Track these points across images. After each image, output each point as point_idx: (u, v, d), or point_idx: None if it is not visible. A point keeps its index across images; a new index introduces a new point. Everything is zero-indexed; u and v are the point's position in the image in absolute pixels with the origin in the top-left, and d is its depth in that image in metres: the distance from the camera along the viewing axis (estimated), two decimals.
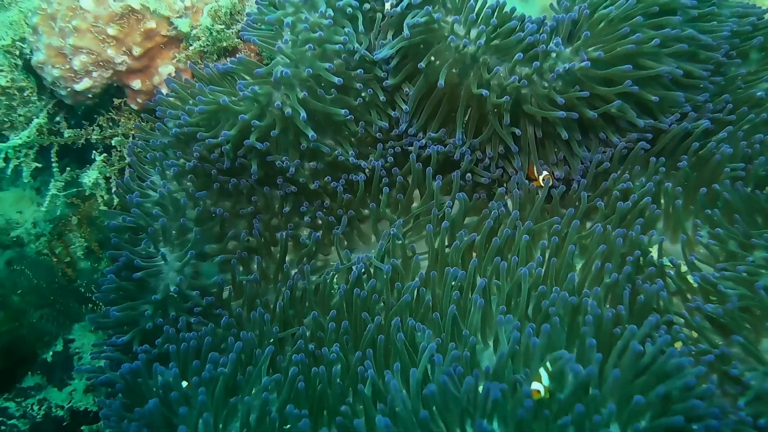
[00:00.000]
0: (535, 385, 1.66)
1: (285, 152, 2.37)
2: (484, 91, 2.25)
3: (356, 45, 2.31)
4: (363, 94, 2.40)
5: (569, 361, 1.66)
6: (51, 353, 3.85)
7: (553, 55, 2.24)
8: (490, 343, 2.01)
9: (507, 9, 2.25)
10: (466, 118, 2.38)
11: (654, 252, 2.19)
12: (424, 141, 2.47)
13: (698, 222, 2.21)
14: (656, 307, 2.03)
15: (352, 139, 2.46)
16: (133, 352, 2.31)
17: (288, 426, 1.88)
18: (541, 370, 1.69)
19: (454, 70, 2.30)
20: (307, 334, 2.25)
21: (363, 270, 2.32)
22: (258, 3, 2.43)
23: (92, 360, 2.45)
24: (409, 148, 2.51)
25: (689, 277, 2.11)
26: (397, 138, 2.54)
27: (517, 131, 2.35)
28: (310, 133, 2.26)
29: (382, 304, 2.22)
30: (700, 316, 2.02)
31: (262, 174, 2.44)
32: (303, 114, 2.24)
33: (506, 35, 2.24)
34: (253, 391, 2.01)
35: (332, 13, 2.26)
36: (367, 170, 2.50)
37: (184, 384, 1.97)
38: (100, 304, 2.51)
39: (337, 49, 2.28)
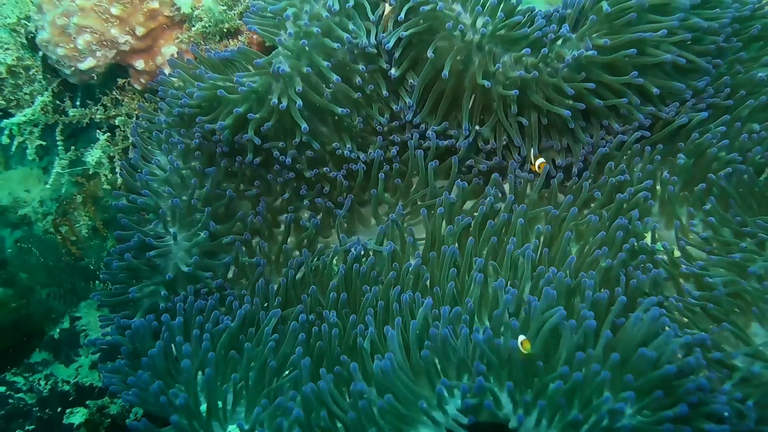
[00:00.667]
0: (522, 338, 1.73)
1: (282, 141, 2.40)
2: (487, 83, 2.25)
3: (363, 39, 2.31)
4: (365, 89, 2.41)
5: (562, 317, 1.72)
6: (58, 330, 3.90)
7: (560, 42, 2.23)
8: (486, 321, 2.04)
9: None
10: (471, 105, 2.39)
11: (648, 239, 2.21)
12: (428, 132, 2.48)
13: (692, 210, 2.21)
14: (648, 292, 2.05)
15: (353, 131, 2.48)
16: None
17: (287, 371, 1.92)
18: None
19: (458, 58, 2.30)
20: (308, 301, 2.28)
21: (362, 252, 2.35)
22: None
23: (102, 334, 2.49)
24: (411, 141, 2.52)
25: (682, 264, 2.13)
26: (398, 130, 2.55)
27: (524, 121, 2.36)
28: (304, 126, 2.29)
29: (381, 278, 2.26)
30: (691, 302, 2.04)
31: (262, 158, 2.46)
32: (299, 102, 2.26)
33: (512, 26, 2.24)
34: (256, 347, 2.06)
35: (337, 7, 2.25)
36: (366, 161, 2.52)
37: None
38: (108, 283, 2.53)
39: (338, 44, 2.28)
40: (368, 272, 2.26)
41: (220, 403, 1.89)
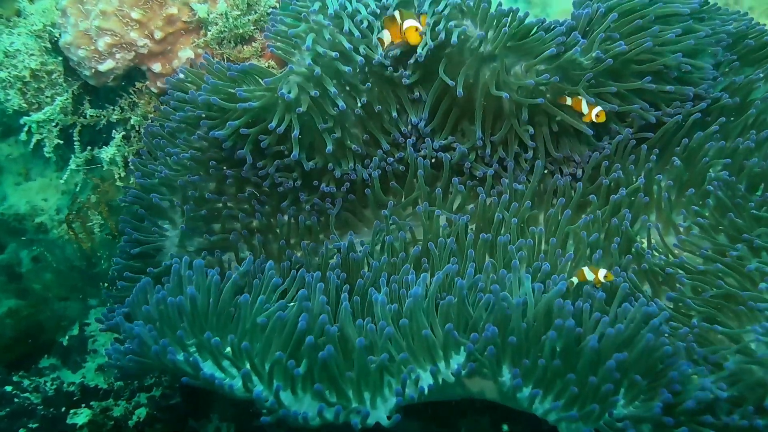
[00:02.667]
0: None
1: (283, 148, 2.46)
2: (505, 94, 2.30)
3: (376, 56, 2.35)
4: (374, 108, 2.47)
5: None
6: (67, 337, 3.96)
7: (572, 51, 2.28)
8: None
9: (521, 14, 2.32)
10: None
11: (643, 242, 2.24)
12: (434, 143, 2.53)
13: (685, 213, 2.25)
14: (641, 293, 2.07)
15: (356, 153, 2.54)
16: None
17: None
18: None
19: (470, 71, 2.36)
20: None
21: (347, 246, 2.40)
22: (280, 13, 2.49)
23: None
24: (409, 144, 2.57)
25: (677, 267, 2.15)
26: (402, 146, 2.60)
27: (531, 130, 2.40)
28: (294, 153, 2.36)
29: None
30: (684, 304, 2.05)
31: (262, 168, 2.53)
32: (296, 132, 2.32)
33: (523, 35, 2.31)
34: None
35: (357, 33, 2.30)
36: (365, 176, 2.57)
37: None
38: (113, 284, 2.62)
39: (349, 68, 2.34)
40: (362, 260, 2.31)
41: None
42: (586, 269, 2.02)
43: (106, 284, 3.68)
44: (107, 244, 3.35)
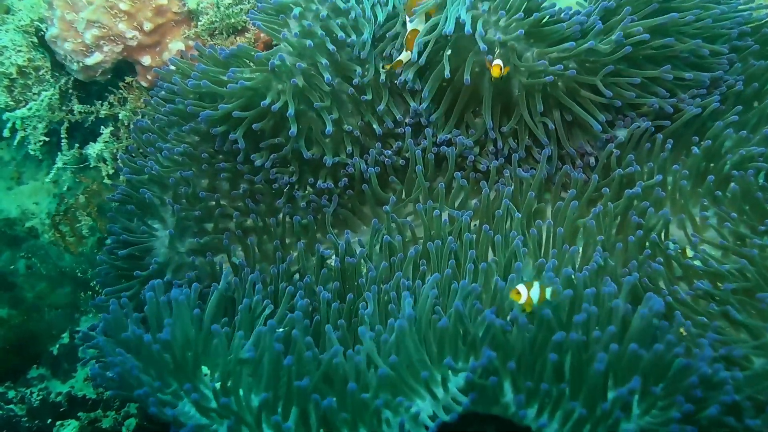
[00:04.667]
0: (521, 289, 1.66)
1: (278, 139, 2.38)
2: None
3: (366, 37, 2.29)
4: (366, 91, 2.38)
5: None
6: (57, 346, 3.84)
7: (589, 37, 2.15)
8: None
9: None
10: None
11: (659, 233, 2.11)
12: (440, 136, 2.42)
13: (705, 202, 2.12)
14: (657, 287, 1.95)
15: (352, 135, 2.45)
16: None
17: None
18: (536, 283, 1.68)
19: (476, 59, 2.24)
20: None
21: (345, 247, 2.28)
22: None
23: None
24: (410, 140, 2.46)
25: (695, 261, 2.02)
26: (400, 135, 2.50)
27: (551, 125, 2.28)
28: (292, 130, 2.25)
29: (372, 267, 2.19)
30: (705, 300, 1.93)
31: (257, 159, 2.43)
32: (291, 111, 2.22)
33: (537, 23, 2.18)
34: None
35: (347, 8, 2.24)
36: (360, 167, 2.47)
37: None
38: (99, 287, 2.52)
39: (344, 46, 2.28)
40: (359, 263, 2.18)
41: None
42: (520, 286, 1.71)
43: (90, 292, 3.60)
44: (98, 246, 3.24)
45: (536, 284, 1.68)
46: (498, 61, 2.10)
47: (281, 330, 1.84)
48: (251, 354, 1.71)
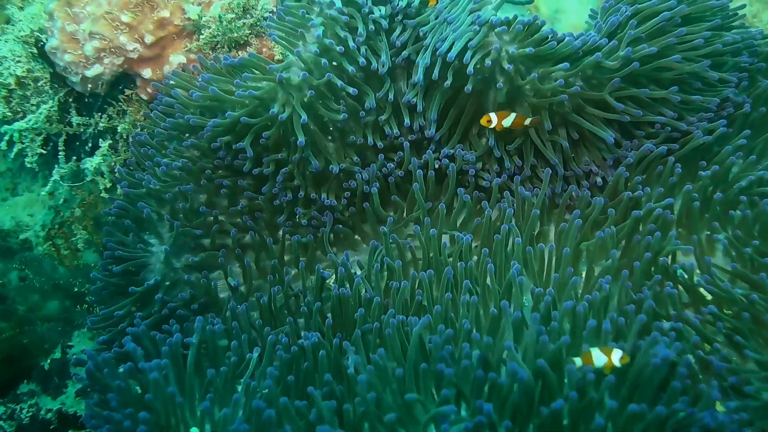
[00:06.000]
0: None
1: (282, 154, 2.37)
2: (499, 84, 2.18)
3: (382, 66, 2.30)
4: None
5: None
6: (48, 361, 3.78)
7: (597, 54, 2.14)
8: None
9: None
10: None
11: (667, 257, 2.06)
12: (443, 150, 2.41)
13: (716, 226, 2.08)
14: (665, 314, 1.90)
15: (357, 146, 2.44)
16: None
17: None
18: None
19: (479, 77, 2.23)
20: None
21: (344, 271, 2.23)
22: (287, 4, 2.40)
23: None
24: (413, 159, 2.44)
25: (701, 289, 1.98)
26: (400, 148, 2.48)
27: (564, 143, 2.26)
28: (300, 139, 2.24)
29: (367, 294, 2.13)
30: (713, 326, 1.88)
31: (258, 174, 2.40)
32: (304, 117, 2.21)
33: (539, 42, 2.17)
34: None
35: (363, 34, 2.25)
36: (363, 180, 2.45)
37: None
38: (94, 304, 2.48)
39: (353, 68, 2.28)
40: (355, 294, 2.12)
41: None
42: (595, 350, 1.64)
43: (85, 305, 3.54)
44: (94, 260, 3.18)
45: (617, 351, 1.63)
46: (493, 115, 2.19)
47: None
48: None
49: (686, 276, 1.97)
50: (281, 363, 1.85)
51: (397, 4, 2.34)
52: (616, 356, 1.61)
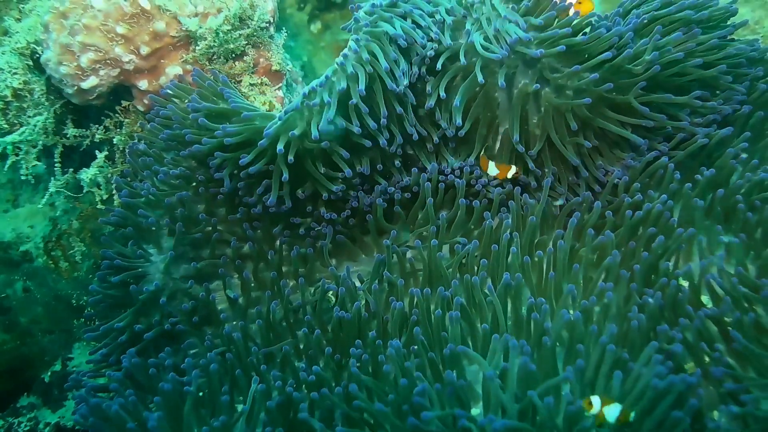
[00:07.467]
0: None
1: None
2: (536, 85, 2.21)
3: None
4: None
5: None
6: (49, 373, 3.76)
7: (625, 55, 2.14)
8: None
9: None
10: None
11: (668, 263, 2.03)
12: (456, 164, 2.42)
13: (719, 229, 2.05)
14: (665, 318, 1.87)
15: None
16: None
17: None
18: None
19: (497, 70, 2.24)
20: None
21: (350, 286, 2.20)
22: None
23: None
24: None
25: (703, 297, 1.95)
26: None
27: (587, 143, 2.25)
28: (285, 175, 2.21)
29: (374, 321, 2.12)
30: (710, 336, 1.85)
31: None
32: (285, 176, 2.20)
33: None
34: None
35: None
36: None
37: None
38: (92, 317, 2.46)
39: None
40: (354, 319, 2.10)
41: None
42: (594, 398, 1.54)
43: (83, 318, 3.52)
44: (92, 272, 3.17)
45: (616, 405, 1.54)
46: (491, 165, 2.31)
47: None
48: None
49: (686, 282, 1.94)
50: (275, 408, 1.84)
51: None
52: (612, 412, 1.53)
